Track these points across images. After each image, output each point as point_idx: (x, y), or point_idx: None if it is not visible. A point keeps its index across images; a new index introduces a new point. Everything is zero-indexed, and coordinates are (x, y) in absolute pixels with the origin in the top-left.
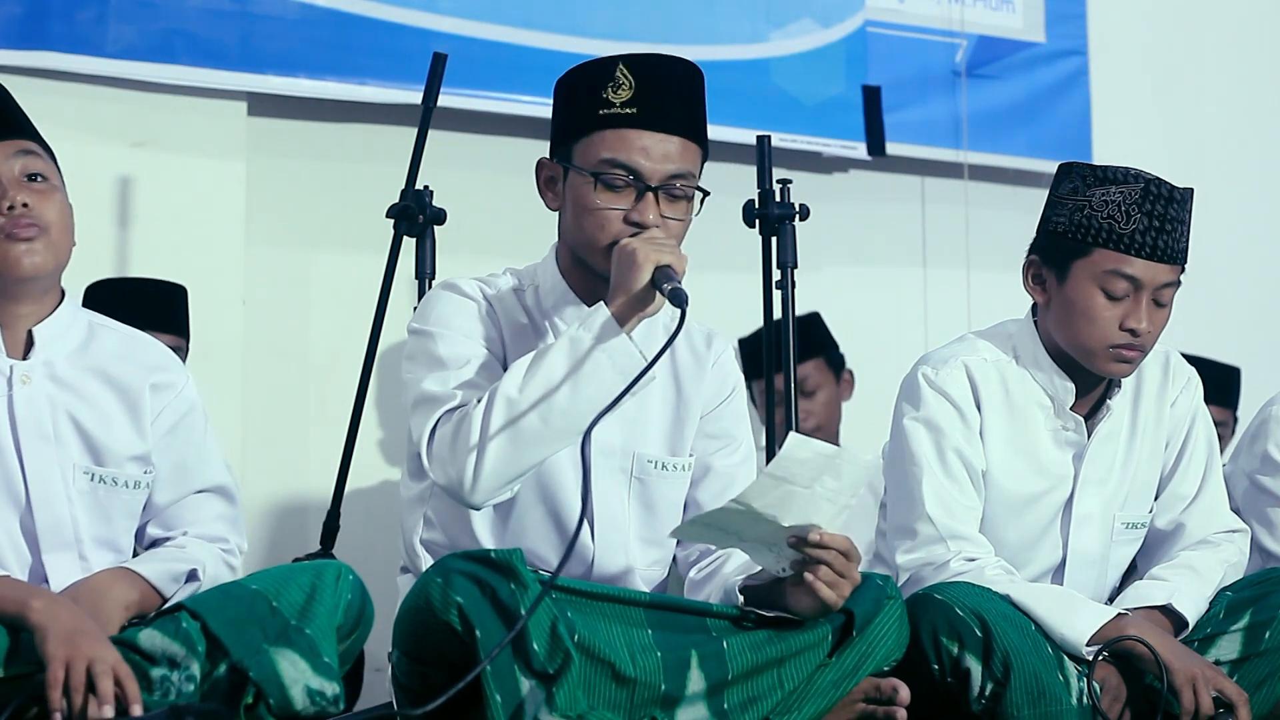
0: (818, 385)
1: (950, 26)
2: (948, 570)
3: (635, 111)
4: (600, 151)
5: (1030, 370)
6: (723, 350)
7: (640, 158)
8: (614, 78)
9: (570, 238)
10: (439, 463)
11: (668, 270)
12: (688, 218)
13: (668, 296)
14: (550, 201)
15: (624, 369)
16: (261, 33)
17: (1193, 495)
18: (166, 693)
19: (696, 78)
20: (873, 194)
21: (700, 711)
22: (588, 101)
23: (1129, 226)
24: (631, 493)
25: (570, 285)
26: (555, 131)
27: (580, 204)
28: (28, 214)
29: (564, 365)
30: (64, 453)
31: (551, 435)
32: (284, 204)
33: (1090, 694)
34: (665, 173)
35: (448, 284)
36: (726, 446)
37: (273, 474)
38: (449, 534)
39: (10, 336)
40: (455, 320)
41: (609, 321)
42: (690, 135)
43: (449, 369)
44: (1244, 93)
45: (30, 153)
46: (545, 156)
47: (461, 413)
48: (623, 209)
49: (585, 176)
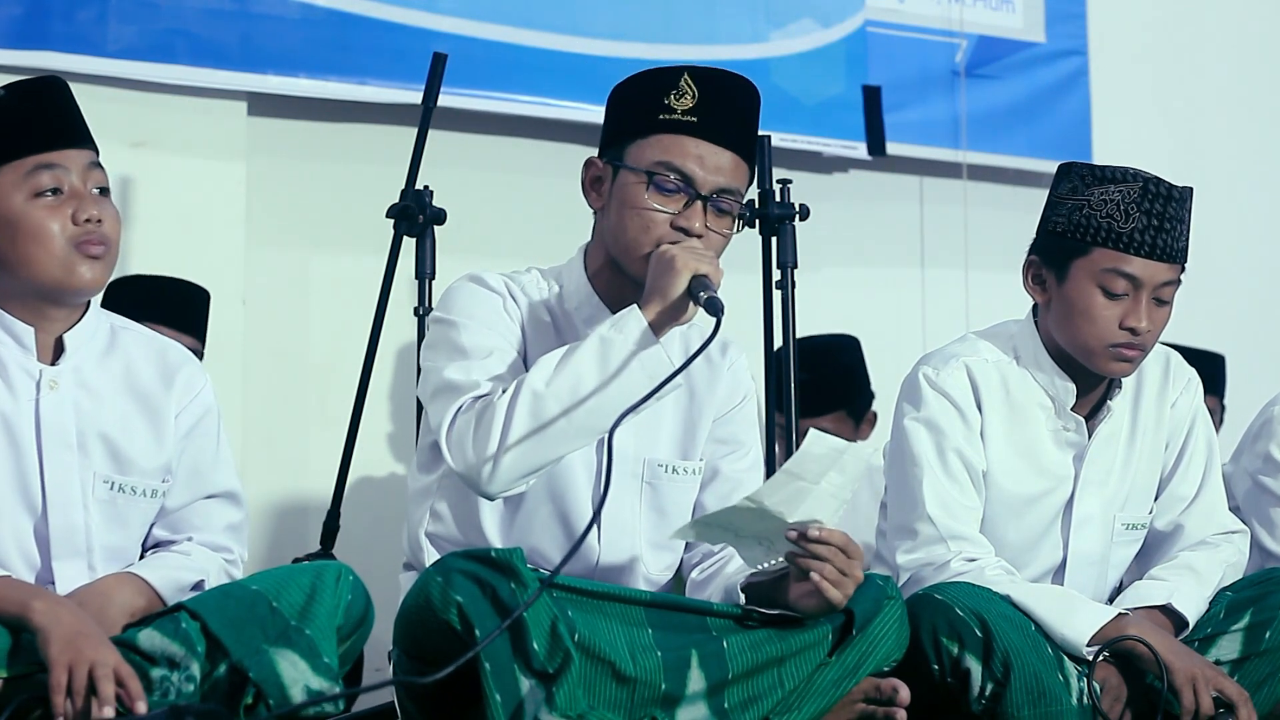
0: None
1: (950, 26)
2: (948, 570)
3: (696, 120)
4: (656, 154)
5: (1031, 371)
6: (737, 358)
7: (695, 165)
8: (677, 86)
9: (610, 237)
10: (458, 450)
11: (705, 280)
12: (730, 234)
13: (703, 305)
14: (594, 201)
15: (654, 374)
16: (261, 33)
17: (1192, 496)
18: (166, 693)
19: (756, 99)
20: (872, 194)
21: (700, 711)
22: (648, 106)
23: (1128, 225)
24: (642, 497)
25: (596, 289)
26: (608, 134)
27: (628, 203)
28: (99, 231)
29: (594, 365)
30: (86, 460)
31: (574, 432)
32: (284, 204)
33: (1090, 694)
34: (716, 184)
35: (473, 276)
36: (735, 452)
37: (273, 474)
38: (457, 528)
39: (42, 340)
40: (479, 311)
41: (645, 328)
42: (743, 153)
43: (471, 358)
44: (1244, 93)
45: (99, 165)
46: (594, 157)
47: (484, 402)
48: (670, 213)
49: (638, 175)
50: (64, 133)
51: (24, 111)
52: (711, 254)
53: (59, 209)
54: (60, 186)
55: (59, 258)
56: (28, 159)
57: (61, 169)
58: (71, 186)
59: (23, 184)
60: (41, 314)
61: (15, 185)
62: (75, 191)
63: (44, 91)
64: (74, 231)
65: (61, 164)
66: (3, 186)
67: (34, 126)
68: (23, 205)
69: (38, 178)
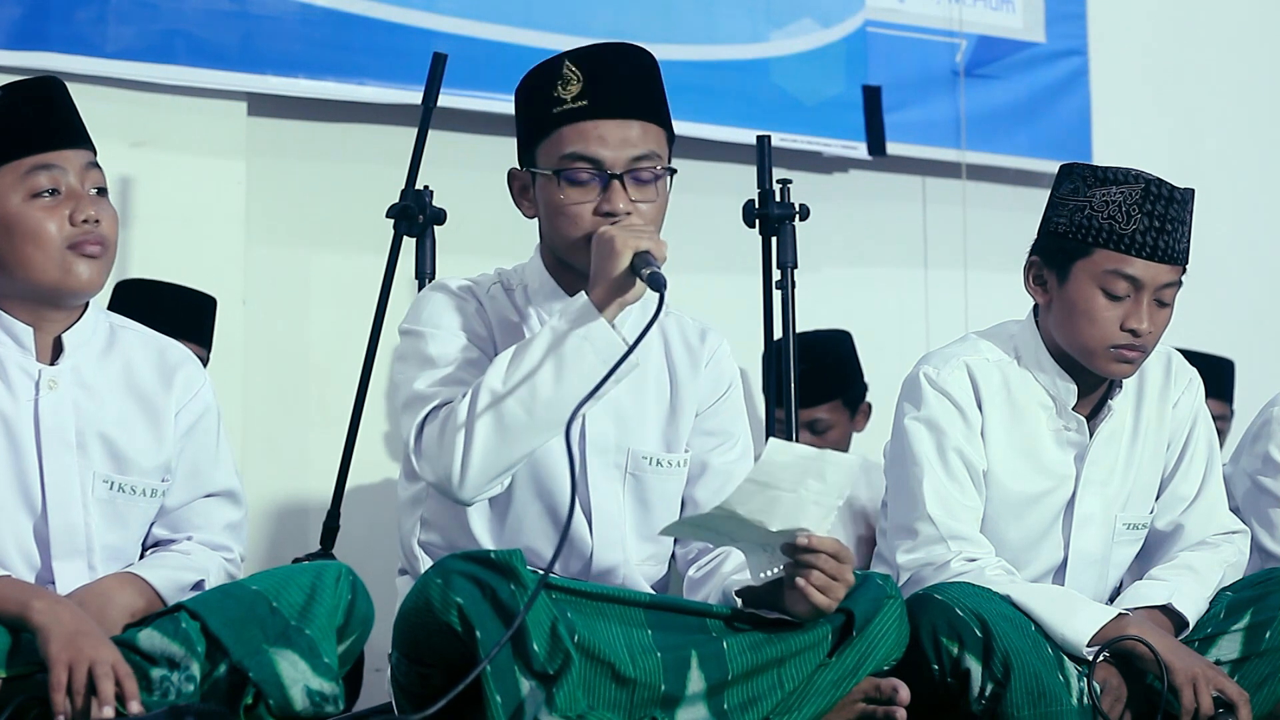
0: (830, 425)
1: (950, 26)
2: (948, 570)
3: (587, 104)
4: (560, 149)
5: (1032, 370)
6: (718, 346)
7: (599, 147)
8: (562, 75)
9: (549, 242)
10: (427, 460)
11: (646, 256)
12: (660, 199)
13: (646, 281)
14: (526, 210)
15: (607, 357)
16: (261, 33)
17: (1192, 496)
18: (166, 693)
19: (646, 60)
20: (873, 194)
21: (700, 712)
22: (541, 102)
23: (1129, 227)
24: (627, 489)
25: (559, 283)
26: (519, 140)
27: (551, 205)
28: (97, 231)
29: (547, 356)
30: (85, 460)
31: (537, 426)
32: (284, 204)
33: (1091, 694)
34: (627, 158)
35: (437, 284)
36: (724, 444)
37: (273, 474)
38: (446, 535)
39: (41, 340)
40: (445, 320)
41: (586, 306)
42: (648, 117)
43: (439, 368)
44: (1244, 93)
45: (97, 165)
46: (514, 167)
47: (448, 409)
48: (591, 202)
49: (550, 176)
50: (61, 133)
51: (21, 112)
52: (650, 229)
53: (56, 209)
54: (57, 187)
55: (56, 258)
56: (25, 160)
57: (59, 169)
58: (69, 187)
59: (20, 185)
60: (40, 314)
61: (12, 186)
62: (72, 192)
63: (41, 92)
64: (71, 232)
65: (59, 164)
66: (0, 187)
67: (31, 127)
68: (20, 206)
69: (35, 178)
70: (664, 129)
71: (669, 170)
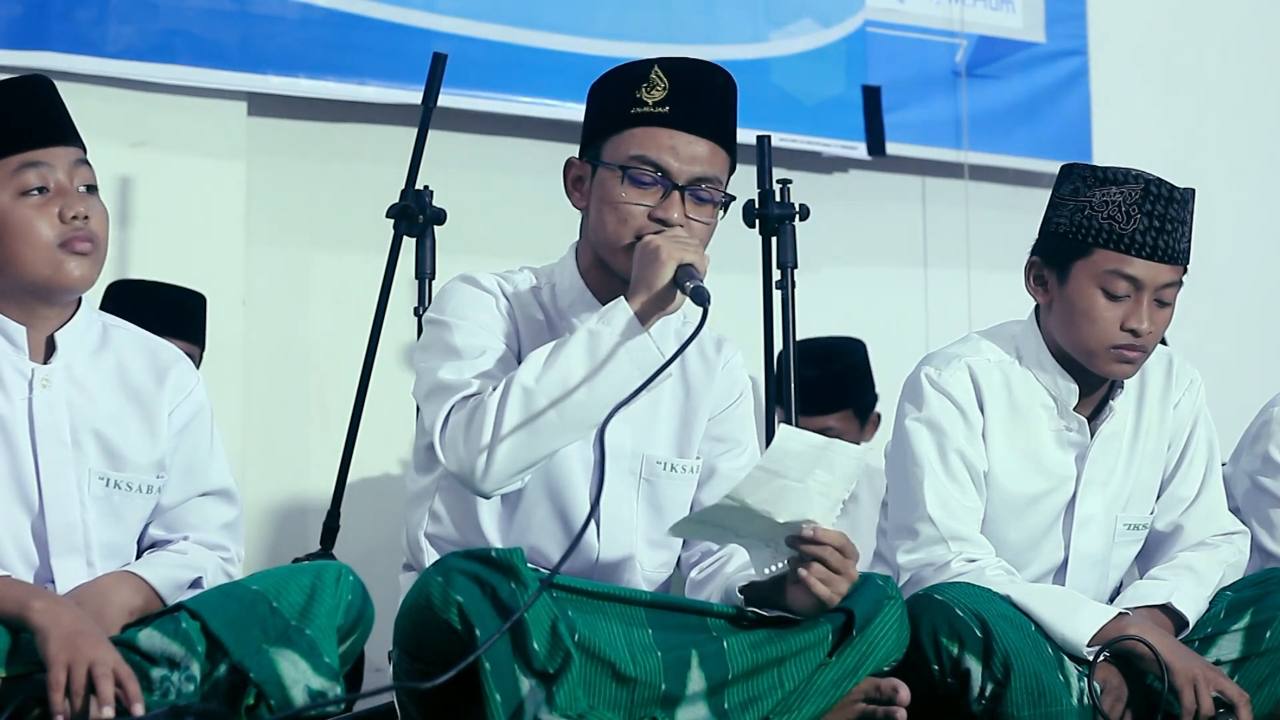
0: (840, 434)
1: (950, 26)
2: (948, 571)
3: (667, 111)
4: (630, 148)
5: (1033, 371)
6: (732, 355)
7: (669, 156)
8: (648, 78)
9: (593, 235)
10: (451, 449)
11: (690, 269)
12: (713, 222)
13: (689, 295)
14: (576, 200)
15: (642, 365)
16: (261, 33)
17: (1192, 497)
18: (166, 693)
19: (730, 86)
20: (873, 194)
21: (700, 711)
22: (620, 101)
23: (1129, 227)
24: (640, 494)
25: (588, 285)
26: (586, 132)
27: (606, 199)
28: (87, 228)
29: (583, 358)
30: (81, 457)
31: (566, 427)
32: (284, 204)
33: (1091, 694)
34: (693, 174)
35: (466, 276)
36: (732, 450)
37: (273, 474)
38: (454, 529)
39: (34, 339)
40: (472, 312)
41: (631, 318)
42: (720, 141)
43: (464, 359)
44: (1244, 93)
45: (86, 162)
46: (574, 157)
47: (476, 400)
48: (648, 205)
49: (613, 171)
50: (50, 130)
51: (9, 110)
52: (696, 242)
53: (46, 207)
54: (46, 184)
55: (46, 256)
56: (13, 157)
57: (47, 167)
58: (58, 184)
59: (9, 182)
60: (32, 312)
61: (1, 184)
62: (62, 189)
63: (29, 90)
64: (61, 229)
65: (48, 162)
66: None
67: (19, 125)
68: (9, 204)
69: (24, 176)
70: (730, 157)
71: (728, 197)
